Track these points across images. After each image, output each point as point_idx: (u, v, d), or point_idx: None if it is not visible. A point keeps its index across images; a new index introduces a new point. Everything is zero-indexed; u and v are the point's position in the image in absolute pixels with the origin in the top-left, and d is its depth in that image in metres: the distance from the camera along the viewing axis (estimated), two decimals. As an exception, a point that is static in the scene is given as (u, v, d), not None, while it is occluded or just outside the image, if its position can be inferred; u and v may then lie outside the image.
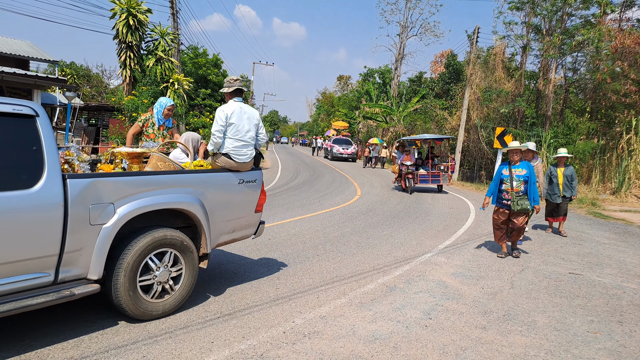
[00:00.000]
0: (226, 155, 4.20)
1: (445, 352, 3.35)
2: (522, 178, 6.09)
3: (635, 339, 3.77)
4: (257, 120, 4.44)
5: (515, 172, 6.14)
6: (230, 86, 4.37)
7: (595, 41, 15.87)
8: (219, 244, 4.16)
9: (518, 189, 6.08)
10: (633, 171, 14.25)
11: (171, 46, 14.37)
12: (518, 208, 6.04)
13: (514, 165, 6.17)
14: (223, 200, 4.07)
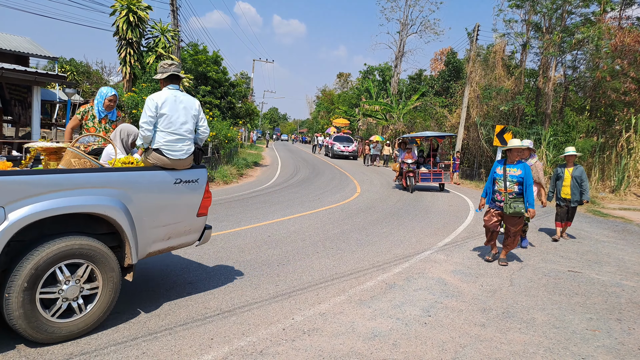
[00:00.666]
0: (157, 150, 3.65)
1: (445, 350, 3.36)
2: (516, 179, 5.59)
3: (634, 336, 3.79)
4: (197, 110, 3.90)
5: (510, 172, 5.67)
6: (164, 71, 3.84)
7: (595, 39, 15.85)
8: (151, 252, 3.65)
9: (511, 190, 5.60)
10: (632, 169, 14.27)
11: (171, 43, 14.33)
12: (510, 211, 5.53)
13: (509, 165, 5.71)
14: (155, 203, 3.54)
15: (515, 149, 5.73)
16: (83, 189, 3.11)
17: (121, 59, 12.72)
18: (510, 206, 5.56)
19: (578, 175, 7.43)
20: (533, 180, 6.53)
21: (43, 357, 2.90)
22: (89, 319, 3.19)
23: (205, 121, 4.00)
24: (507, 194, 5.61)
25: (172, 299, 4.03)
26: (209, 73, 22.07)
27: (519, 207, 5.53)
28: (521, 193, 5.60)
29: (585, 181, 7.45)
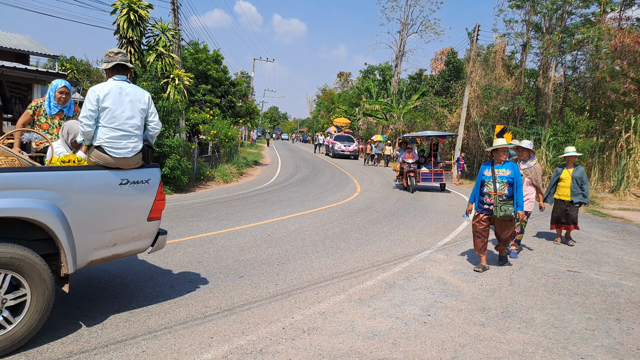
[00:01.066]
0: (99, 148, 3.32)
1: (444, 349, 3.36)
2: (506, 179, 5.29)
3: (633, 336, 3.79)
4: (146, 104, 3.55)
5: (499, 173, 5.35)
6: (110, 60, 3.49)
7: (595, 40, 15.85)
8: (94, 261, 3.32)
9: (501, 192, 5.28)
10: (632, 170, 14.28)
11: (172, 42, 14.31)
12: (501, 214, 5.22)
13: (498, 165, 5.40)
14: (97, 207, 3.21)
15: (501, 148, 5.44)
16: (7, 190, 2.78)
17: (121, 58, 12.69)
18: (500, 209, 5.22)
19: (578, 176, 7.10)
20: (530, 183, 6.39)
21: (42, 355, 2.91)
22: (16, 333, 2.87)
23: (156, 116, 3.67)
24: (497, 197, 5.29)
25: (172, 298, 4.04)
26: (210, 72, 22.06)
27: (509, 210, 5.22)
28: (512, 195, 5.30)
29: (586, 183, 7.12)
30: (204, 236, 6.48)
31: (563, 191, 7.20)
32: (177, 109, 12.43)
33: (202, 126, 17.92)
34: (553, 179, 7.45)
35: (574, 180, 7.09)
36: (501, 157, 5.42)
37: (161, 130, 11.41)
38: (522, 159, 6.49)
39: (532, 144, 6.60)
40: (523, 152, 6.50)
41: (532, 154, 6.58)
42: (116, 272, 4.67)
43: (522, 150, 6.51)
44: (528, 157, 6.51)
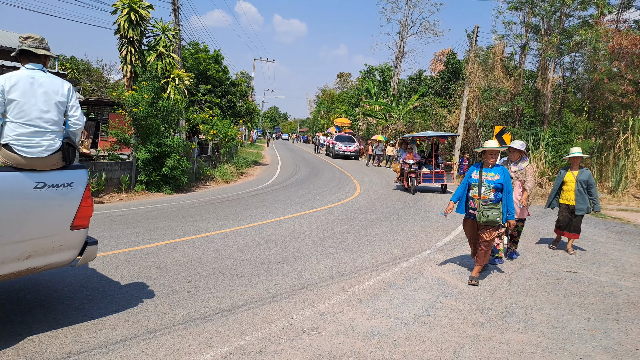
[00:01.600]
0: (7, 146, 2.92)
1: (444, 349, 3.37)
2: (492, 184, 4.92)
3: (631, 336, 3.81)
4: (64, 96, 3.15)
5: (486, 177, 4.99)
6: (20, 46, 3.11)
7: (592, 42, 15.89)
8: (4, 276, 2.92)
9: (486, 197, 4.91)
10: (630, 170, 14.31)
11: (172, 42, 14.31)
12: (483, 219, 4.85)
13: (486, 168, 5.05)
14: (5, 214, 2.81)
15: (490, 150, 5.04)
16: None
17: (122, 57, 12.70)
18: (483, 214, 4.86)
19: (584, 179, 6.56)
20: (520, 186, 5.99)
21: (41, 355, 2.91)
22: None
23: (78, 110, 3.26)
24: (481, 201, 4.92)
25: (172, 298, 4.04)
26: (210, 72, 22.06)
27: (493, 215, 4.85)
28: (497, 201, 4.93)
29: (594, 187, 6.57)
30: (204, 236, 6.48)
31: (567, 195, 6.75)
32: (177, 109, 12.43)
33: (202, 126, 17.91)
34: (557, 183, 6.90)
35: (579, 183, 6.57)
36: (489, 160, 5.06)
37: (161, 130, 11.53)
38: (513, 161, 6.08)
39: (524, 145, 6.11)
40: (514, 153, 6.07)
41: (524, 155, 6.11)
42: (113, 273, 4.67)
43: (513, 151, 6.09)
44: (519, 159, 6.07)
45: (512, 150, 6.09)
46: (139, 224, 7.18)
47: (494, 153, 5.10)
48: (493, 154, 5.09)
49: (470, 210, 5.10)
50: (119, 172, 10.87)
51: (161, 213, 8.30)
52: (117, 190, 10.71)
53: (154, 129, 11.17)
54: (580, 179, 6.60)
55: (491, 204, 4.91)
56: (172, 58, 13.98)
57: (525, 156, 6.10)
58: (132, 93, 11.06)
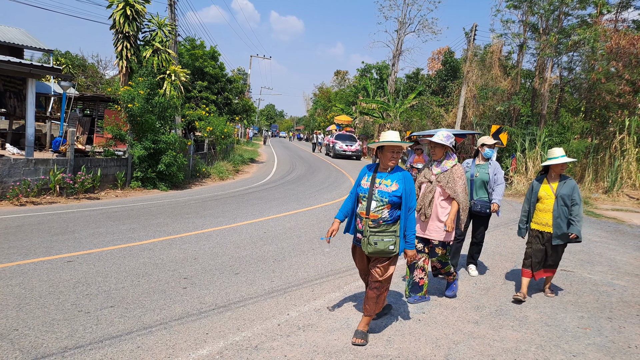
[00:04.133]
0: None
1: (438, 346, 3.39)
2: (387, 197, 3.27)
3: (624, 335, 3.84)
4: None
5: (379, 186, 3.33)
6: None
7: (591, 41, 15.94)
8: None
9: (377, 216, 3.29)
10: (625, 171, 14.39)
11: (168, 37, 14.23)
12: (370, 250, 3.27)
13: (381, 173, 3.39)
14: None
15: (389, 146, 3.34)
16: None
17: (117, 53, 12.62)
18: (369, 241, 3.26)
19: (567, 193, 4.45)
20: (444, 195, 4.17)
21: (37, 350, 2.90)
22: None
23: None
24: (368, 221, 3.31)
25: (168, 294, 4.03)
26: (206, 68, 21.98)
27: (383, 243, 3.24)
28: (394, 221, 3.32)
29: (579, 205, 4.47)
30: (200, 233, 6.47)
31: (541, 218, 4.59)
32: (173, 105, 12.38)
33: (198, 123, 17.86)
34: (528, 200, 4.73)
35: (560, 200, 4.46)
36: (388, 162, 3.35)
37: (157, 127, 11.48)
38: (436, 159, 4.27)
39: (450, 137, 4.19)
40: (435, 148, 4.22)
41: (451, 151, 4.27)
42: (109, 269, 4.65)
43: (434, 146, 4.22)
44: (443, 157, 4.24)
45: (433, 145, 4.19)
46: (135, 220, 7.17)
47: (396, 151, 3.34)
48: (394, 152, 3.34)
49: (357, 233, 3.48)
50: (114, 168, 10.83)
51: (157, 210, 8.28)
52: (113, 187, 10.67)
53: (149, 125, 11.13)
54: (563, 193, 4.45)
55: (384, 225, 3.28)
56: (168, 54, 13.91)
57: (453, 153, 4.27)
58: (127, 89, 11.00)
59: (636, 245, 7.74)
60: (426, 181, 4.23)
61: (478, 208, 5.05)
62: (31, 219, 6.85)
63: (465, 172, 4.99)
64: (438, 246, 4.19)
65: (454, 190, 4.08)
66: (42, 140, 15.36)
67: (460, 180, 4.13)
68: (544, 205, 4.58)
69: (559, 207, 4.47)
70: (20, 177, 8.43)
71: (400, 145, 3.33)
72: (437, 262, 4.31)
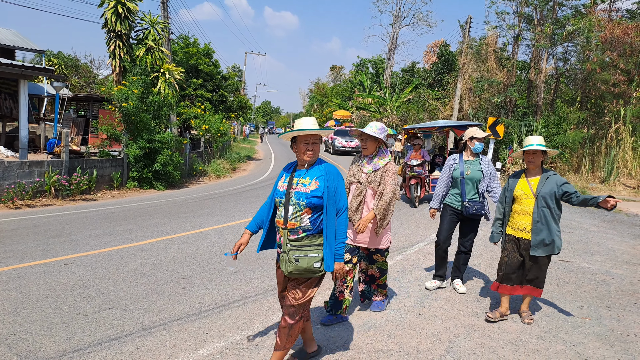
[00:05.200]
0: None
1: (439, 339, 3.39)
2: (305, 199, 2.59)
3: (623, 323, 3.85)
4: None
5: (296, 186, 2.65)
6: None
7: (585, 31, 15.94)
8: None
9: (296, 224, 2.61)
10: (621, 160, 14.45)
11: (161, 35, 14.12)
12: (290, 269, 2.59)
13: (300, 171, 2.72)
14: None
15: (302, 136, 2.67)
16: None
17: (110, 52, 12.52)
18: (289, 257, 2.59)
19: (550, 192, 3.58)
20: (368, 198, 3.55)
21: (35, 354, 2.88)
22: None
23: None
24: (287, 232, 2.63)
25: (166, 294, 4.01)
26: (201, 66, 21.85)
27: (307, 260, 2.58)
28: (318, 230, 2.64)
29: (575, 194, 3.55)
30: (198, 232, 6.45)
31: (518, 221, 3.76)
32: (168, 104, 12.31)
33: (194, 121, 17.78)
34: (503, 200, 3.91)
35: (540, 200, 3.61)
36: (304, 156, 2.66)
37: (152, 126, 11.41)
38: (367, 155, 3.62)
39: (384, 129, 3.55)
40: (367, 142, 3.56)
41: (384, 147, 3.64)
42: (107, 270, 4.62)
43: (365, 139, 3.57)
44: (376, 152, 3.60)
45: (365, 138, 3.57)
46: (132, 220, 7.13)
47: (311, 141, 2.65)
48: (309, 143, 2.65)
49: (279, 248, 2.75)
50: (110, 168, 10.76)
51: (154, 209, 8.24)
52: (109, 188, 10.61)
53: (144, 124, 11.06)
54: (544, 192, 3.59)
55: (306, 237, 2.61)
56: (162, 52, 13.81)
57: (386, 149, 3.67)
58: (121, 88, 10.92)
59: (633, 234, 7.77)
60: (355, 181, 3.60)
61: (473, 210, 4.30)
62: (27, 222, 6.80)
63: (453, 169, 4.44)
64: (375, 253, 3.68)
65: (385, 191, 3.50)
66: (37, 142, 15.25)
67: (392, 180, 3.52)
68: (521, 207, 3.74)
69: (539, 208, 3.61)
70: (15, 180, 8.36)
71: (316, 134, 2.66)
72: (376, 270, 3.78)
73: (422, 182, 9.82)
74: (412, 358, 3.09)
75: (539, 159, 3.70)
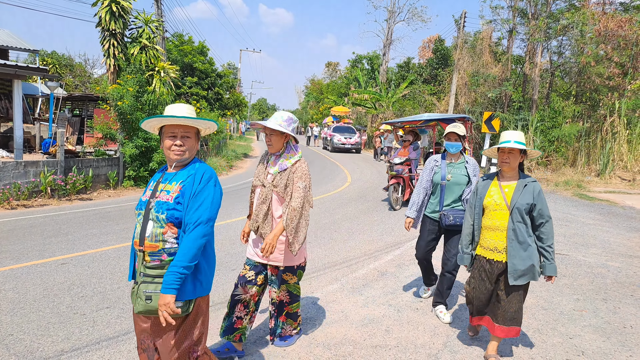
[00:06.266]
0: None
1: (436, 334, 3.41)
2: (164, 210, 1.98)
3: (619, 315, 3.88)
4: None
5: (159, 194, 2.04)
6: None
7: (579, 25, 15.96)
8: None
9: (157, 246, 1.97)
10: (617, 153, 14.51)
11: (156, 33, 14.02)
12: (140, 307, 1.97)
13: (169, 174, 2.13)
14: None
15: (169, 126, 2.11)
16: None
17: (105, 51, 12.43)
18: (139, 292, 2.00)
19: (526, 203, 2.83)
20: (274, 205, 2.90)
21: (33, 354, 2.87)
22: None
23: None
24: (144, 256, 2.01)
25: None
26: (195, 64, 21.75)
27: (154, 300, 1.95)
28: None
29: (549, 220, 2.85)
30: (195, 230, 6.43)
31: (489, 239, 2.98)
32: (163, 102, 12.25)
33: (190, 119, 17.68)
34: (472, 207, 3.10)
35: (515, 213, 2.84)
36: (170, 153, 2.10)
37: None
38: (273, 153, 2.95)
39: (293, 121, 2.92)
40: (272, 137, 2.89)
41: (293, 142, 2.98)
42: (104, 270, 4.61)
43: (269, 133, 2.91)
44: (283, 149, 2.93)
45: (269, 132, 2.91)
46: (129, 220, 7.11)
47: (180, 134, 2.09)
48: (176, 137, 2.09)
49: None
50: (106, 168, 10.72)
51: (151, 208, 8.22)
52: (105, 187, 10.57)
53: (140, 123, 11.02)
54: (521, 204, 2.83)
55: (162, 265, 1.99)
56: (156, 50, 13.72)
57: (295, 144, 3.00)
58: (116, 87, 10.86)
59: (629, 227, 7.82)
60: (260, 185, 2.93)
61: (451, 220, 3.57)
62: (23, 222, 6.77)
63: (433, 173, 3.75)
64: (285, 272, 2.92)
65: (294, 196, 2.85)
66: (32, 142, 15.15)
67: (301, 182, 2.86)
68: (492, 221, 2.93)
69: (514, 223, 2.83)
70: (10, 180, 8.31)
71: (186, 126, 2.07)
72: (285, 294, 2.97)
73: (405, 183, 8.79)
74: (410, 353, 3.10)
75: (516, 160, 2.86)
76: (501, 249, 2.89)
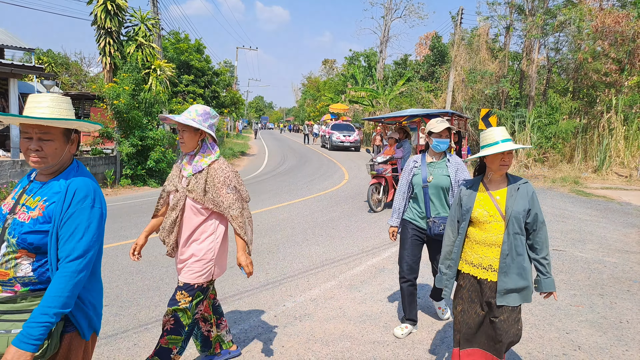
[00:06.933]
0: None
1: (434, 330, 3.42)
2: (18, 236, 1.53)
3: (616, 310, 3.90)
4: None
5: (20, 210, 1.58)
6: None
7: (576, 21, 15.98)
8: None
9: (8, 273, 1.53)
10: (614, 149, 14.55)
11: (152, 32, 13.98)
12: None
13: (36, 183, 1.66)
14: None
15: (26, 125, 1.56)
16: None
17: (101, 49, 12.38)
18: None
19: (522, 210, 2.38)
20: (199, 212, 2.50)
21: (32, 353, 2.87)
22: None
23: None
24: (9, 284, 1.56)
25: (162, 290, 4.01)
26: (192, 62, 21.68)
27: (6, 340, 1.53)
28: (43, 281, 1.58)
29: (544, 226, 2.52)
30: (193, 228, 6.43)
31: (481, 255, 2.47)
32: (159, 100, 12.22)
33: (187, 117, 17.63)
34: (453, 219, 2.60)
35: (513, 224, 2.38)
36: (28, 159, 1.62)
37: (144, 123, 11.33)
38: (188, 152, 2.52)
39: (209, 116, 2.51)
40: (184, 134, 2.45)
41: (210, 139, 2.55)
42: (102, 268, 4.60)
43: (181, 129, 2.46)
44: (198, 148, 2.51)
45: (181, 129, 2.47)
46: (126, 218, 7.10)
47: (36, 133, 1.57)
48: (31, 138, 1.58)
49: None
50: (103, 166, 10.70)
51: (148, 207, 8.20)
52: (103, 186, 10.55)
53: (136, 121, 10.99)
54: (516, 212, 2.39)
55: (26, 294, 1.58)
56: (152, 48, 13.68)
57: (213, 142, 2.57)
58: (112, 85, 10.82)
59: (625, 222, 7.86)
60: (173, 189, 2.53)
61: (440, 229, 3.16)
62: (20, 221, 6.74)
63: (412, 174, 3.34)
64: (181, 289, 2.45)
65: (219, 204, 2.45)
66: (28, 141, 15.08)
67: (226, 187, 2.45)
68: (485, 234, 2.44)
69: (510, 235, 2.39)
70: (7, 180, 8.28)
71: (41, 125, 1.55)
72: (169, 317, 2.47)
73: (389, 183, 8.23)
74: (408, 348, 3.11)
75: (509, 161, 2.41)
76: (495, 267, 2.40)
